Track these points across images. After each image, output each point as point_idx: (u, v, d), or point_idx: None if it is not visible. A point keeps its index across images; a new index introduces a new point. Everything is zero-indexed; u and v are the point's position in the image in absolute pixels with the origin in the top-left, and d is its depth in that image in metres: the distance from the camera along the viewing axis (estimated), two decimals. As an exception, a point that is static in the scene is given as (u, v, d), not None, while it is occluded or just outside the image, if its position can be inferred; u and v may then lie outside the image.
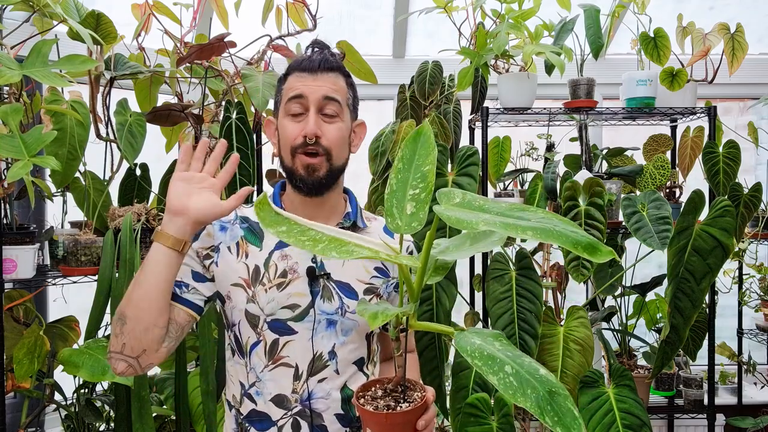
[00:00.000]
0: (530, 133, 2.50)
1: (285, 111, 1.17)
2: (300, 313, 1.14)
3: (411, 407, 0.91)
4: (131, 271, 1.68)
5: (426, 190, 0.88)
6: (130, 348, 1.05)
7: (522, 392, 0.70)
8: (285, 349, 1.13)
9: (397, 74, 2.70)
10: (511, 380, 0.72)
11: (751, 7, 2.89)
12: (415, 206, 0.87)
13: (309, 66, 1.16)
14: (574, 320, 2.03)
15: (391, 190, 0.90)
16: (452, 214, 0.76)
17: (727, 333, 2.68)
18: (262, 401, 1.14)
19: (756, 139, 2.52)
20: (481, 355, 0.74)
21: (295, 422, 1.13)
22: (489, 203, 0.79)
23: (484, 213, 0.75)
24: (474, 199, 0.80)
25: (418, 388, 0.97)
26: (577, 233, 0.70)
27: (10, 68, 1.48)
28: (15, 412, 1.96)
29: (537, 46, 2.05)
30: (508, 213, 0.75)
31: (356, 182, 2.49)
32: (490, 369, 0.73)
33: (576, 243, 0.68)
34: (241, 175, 1.87)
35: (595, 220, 2.02)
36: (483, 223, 0.72)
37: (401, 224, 0.87)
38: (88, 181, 1.86)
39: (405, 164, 0.92)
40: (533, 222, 0.71)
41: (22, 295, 1.79)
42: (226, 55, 1.99)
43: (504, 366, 0.73)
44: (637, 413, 1.89)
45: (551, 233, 0.69)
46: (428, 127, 0.95)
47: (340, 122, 1.17)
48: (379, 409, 0.91)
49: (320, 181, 1.15)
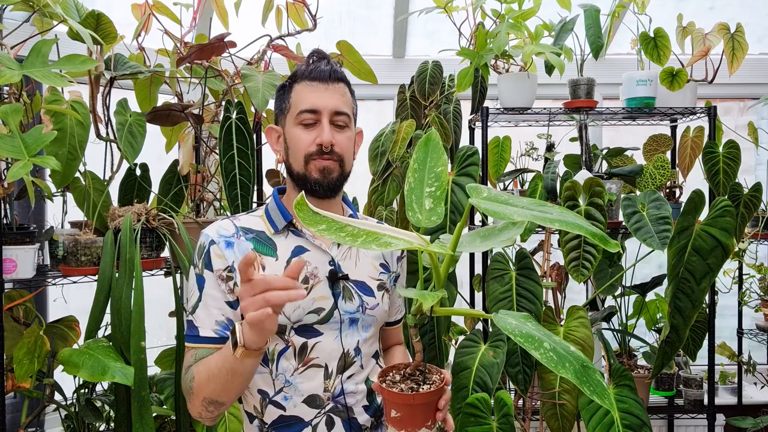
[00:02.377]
0: (530, 133, 2.50)
1: (296, 121, 1.18)
2: (325, 316, 1.17)
3: (434, 388, 0.98)
4: (131, 271, 1.68)
5: (441, 189, 1.00)
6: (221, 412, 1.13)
7: (563, 365, 0.78)
8: (314, 350, 1.16)
9: (397, 74, 2.70)
10: (551, 355, 0.79)
11: (751, 7, 2.89)
12: (432, 202, 0.99)
13: (320, 76, 1.18)
14: (574, 320, 2.03)
15: (410, 188, 1.00)
16: (488, 206, 0.83)
17: (727, 333, 2.68)
18: (291, 405, 1.15)
19: (756, 139, 2.52)
20: (521, 333, 0.81)
21: (329, 419, 1.16)
22: (512, 198, 0.86)
23: (512, 206, 0.83)
24: (499, 194, 0.87)
25: (434, 372, 1.04)
26: (592, 227, 0.80)
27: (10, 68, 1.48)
28: (15, 412, 1.96)
29: (537, 46, 2.05)
30: (533, 207, 0.83)
31: (356, 182, 2.49)
32: (531, 345, 0.80)
33: (593, 234, 0.78)
34: (241, 175, 1.87)
35: (595, 220, 2.02)
36: (517, 214, 0.80)
37: (422, 218, 0.97)
38: (88, 181, 1.86)
39: (419, 165, 1.03)
40: (555, 215, 0.80)
41: (22, 295, 1.79)
42: (226, 55, 1.99)
43: (543, 342, 0.80)
44: (637, 413, 1.89)
45: (573, 225, 0.78)
46: (436, 134, 1.06)
47: (349, 131, 1.21)
48: (404, 391, 0.98)
49: (335, 182, 1.19)
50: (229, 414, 1.93)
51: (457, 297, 2.12)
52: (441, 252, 0.87)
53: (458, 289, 2.12)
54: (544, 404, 2.04)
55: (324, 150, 1.16)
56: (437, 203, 0.98)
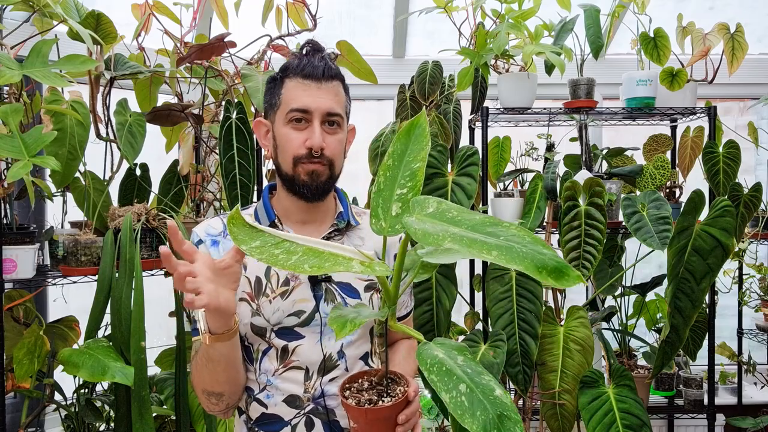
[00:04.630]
0: (530, 133, 2.49)
1: (286, 119, 1.15)
2: (306, 319, 1.15)
3: (392, 402, 0.93)
4: (131, 271, 1.68)
5: (414, 190, 0.83)
6: (233, 402, 1.16)
7: (471, 413, 0.68)
8: (295, 353, 1.15)
9: (397, 74, 2.70)
10: (462, 399, 0.69)
11: (751, 7, 2.89)
12: (401, 207, 0.83)
13: (313, 73, 1.14)
14: (574, 320, 2.03)
15: (378, 189, 0.85)
16: (419, 227, 0.72)
17: (727, 333, 2.68)
18: (273, 403, 1.15)
19: (756, 139, 2.52)
20: (439, 370, 0.72)
21: (309, 420, 1.15)
22: (463, 214, 0.73)
23: (455, 226, 0.70)
24: (448, 209, 0.74)
25: (402, 382, 0.98)
26: (545, 255, 0.64)
27: (10, 68, 1.48)
28: (15, 412, 1.96)
29: (537, 46, 2.05)
30: (479, 228, 0.69)
31: (356, 182, 2.49)
32: (444, 386, 0.71)
33: (541, 267, 0.63)
34: (241, 175, 1.87)
35: (595, 220, 2.02)
36: (449, 238, 0.67)
37: (385, 226, 0.83)
38: (88, 181, 1.86)
39: (395, 161, 0.86)
40: (501, 240, 0.66)
41: (22, 295, 1.79)
42: (226, 55, 1.99)
43: (459, 384, 0.71)
44: (637, 413, 1.89)
45: (517, 254, 0.64)
46: (424, 118, 0.88)
47: (341, 133, 1.18)
48: (362, 403, 0.92)
49: (323, 186, 1.16)
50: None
51: (457, 297, 2.12)
52: (384, 274, 0.76)
53: (458, 289, 2.12)
54: (544, 404, 2.04)
55: (314, 154, 1.13)
56: (406, 208, 0.81)
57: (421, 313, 2.08)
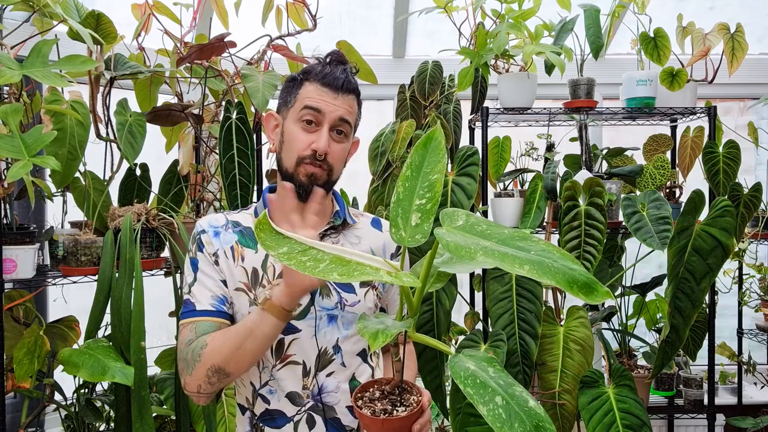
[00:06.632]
0: (530, 133, 2.49)
1: (297, 116, 1.18)
2: (301, 312, 1.17)
3: (407, 413, 0.93)
4: (131, 271, 1.68)
5: (432, 201, 0.85)
6: (224, 387, 1.16)
7: (510, 425, 0.69)
8: (291, 347, 1.17)
9: (397, 74, 2.70)
10: (500, 412, 0.70)
11: (751, 7, 2.89)
12: (420, 217, 0.85)
13: (333, 83, 1.17)
14: (574, 320, 2.03)
15: (397, 199, 0.87)
16: (452, 239, 0.73)
17: (727, 333, 2.68)
18: (276, 399, 1.17)
19: (756, 139, 2.52)
20: (474, 383, 0.74)
21: (310, 417, 1.16)
22: (492, 228, 0.75)
23: (485, 240, 0.73)
24: (477, 222, 0.77)
25: (414, 391, 0.99)
26: (575, 271, 0.66)
27: (10, 68, 1.48)
28: (15, 412, 1.96)
29: (537, 46, 2.05)
30: (510, 242, 0.72)
31: (356, 182, 2.49)
32: (481, 399, 0.72)
33: (572, 282, 0.65)
34: (240, 175, 1.87)
35: (595, 220, 2.02)
36: (482, 252, 0.69)
37: (405, 236, 0.84)
38: (88, 181, 1.86)
39: (413, 171, 0.88)
40: (533, 254, 0.69)
41: (22, 295, 1.79)
42: (226, 55, 1.99)
43: (495, 396, 0.72)
44: (637, 413, 1.89)
45: (549, 269, 0.66)
46: (440, 132, 0.90)
47: (346, 142, 1.22)
48: (377, 413, 0.93)
49: (319, 188, 1.19)
50: (228, 414, 1.93)
51: (457, 297, 2.12)
52: (412, 284, 0.77)
53: (458, 289, 2.12)
54: (544, 404, 2.04)
55: (317, 157, 1.16)
56: (425, 219, 0.84)
57: (421, 314, 2.08)
